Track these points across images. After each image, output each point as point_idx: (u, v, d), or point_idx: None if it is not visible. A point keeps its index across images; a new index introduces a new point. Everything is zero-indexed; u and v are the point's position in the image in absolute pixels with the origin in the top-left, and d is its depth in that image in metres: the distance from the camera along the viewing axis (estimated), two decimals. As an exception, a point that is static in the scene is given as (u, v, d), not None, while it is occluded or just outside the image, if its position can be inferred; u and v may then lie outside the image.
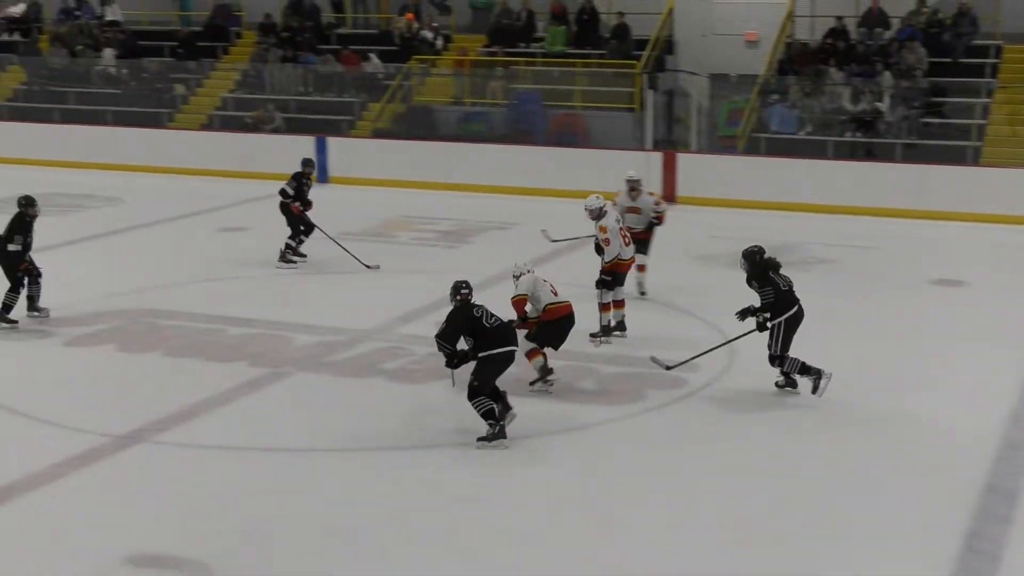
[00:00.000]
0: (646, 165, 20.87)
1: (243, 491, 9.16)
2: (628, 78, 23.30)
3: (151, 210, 20.40)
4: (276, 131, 24.77)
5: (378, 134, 24.25)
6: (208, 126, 25.70)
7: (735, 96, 23.59)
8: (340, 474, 9.48)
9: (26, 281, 13.28)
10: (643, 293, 14.39)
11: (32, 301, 13.42)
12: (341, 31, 27.21)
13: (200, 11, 28.56)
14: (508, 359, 10.07)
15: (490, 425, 9.91)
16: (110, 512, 8.79)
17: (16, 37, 29.34)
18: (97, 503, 8.97)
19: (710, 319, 13.37)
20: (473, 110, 24.42)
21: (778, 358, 10.90)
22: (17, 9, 29.75)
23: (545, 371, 11.25)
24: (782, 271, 10.98)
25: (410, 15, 26.01)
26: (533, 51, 24.87)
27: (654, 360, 11.62)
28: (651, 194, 14.57)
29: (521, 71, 24.45)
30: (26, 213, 13.23)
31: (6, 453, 9.81)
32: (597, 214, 12.73)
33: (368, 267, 15.96)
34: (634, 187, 14.15)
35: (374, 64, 25.48)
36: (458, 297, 10.07)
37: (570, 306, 11.23)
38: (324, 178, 23.29)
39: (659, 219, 14.26)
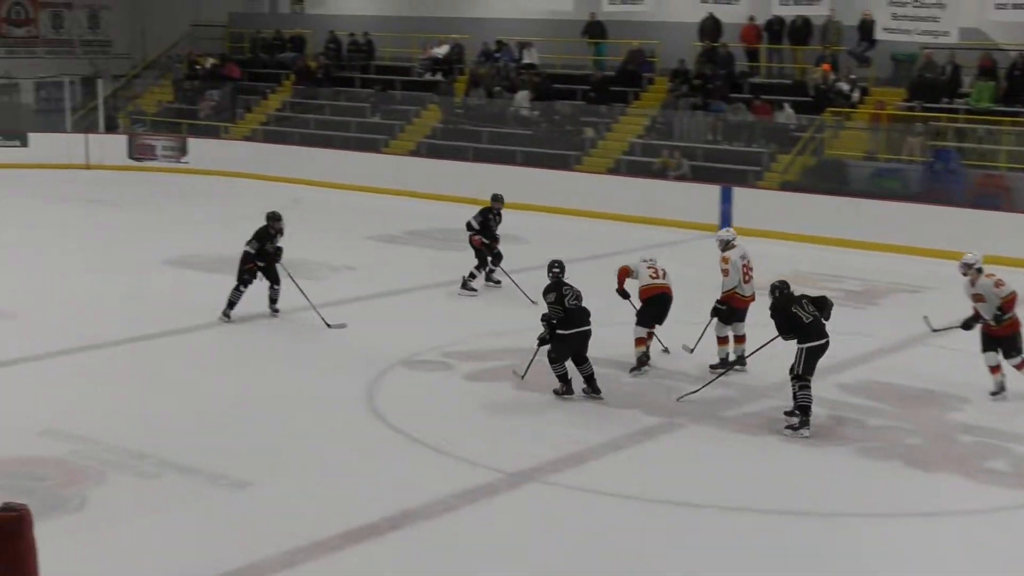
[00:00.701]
0: (1077, 233, 19.73)
1: (630, 539, 9.21)
2: (1062, 138, 22.08)
3: (553, 251, 20.86)
4: (681, 178, 24.94)
5: (786, 187, 23.98)
6: (615, 170, 26.18)
7: None
8: (730, 533, 9.38)
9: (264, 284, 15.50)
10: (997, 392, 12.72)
11: (271, 302, 15.59)
12: (754, 80, 27.13)
13: (614, 56, 29.15)
14: (581, 338, 12.21)
15: (563, 385, 12.31)
16: (498, 547, 9.03)
17: (438, 77, 30.92)
18: (486, 537, 9.23)
19: None
20: (887, 166, 23.75)
21: (799, 379, 11.46)
22: (441, 50, 31.33)
23: (642, 360, 13.18)
24: (807, 304, 11.73)
25: (827, 66, 25.63)
26: (956, 107, 23.95)
27: (682, 399, 12.36)
28: (989, 276, 12.70)
29: (942, 127, 23.61)
30: (271, 226, 15.43)
31: (406, 480, 10.24)
32: (723, 246, 13.73)
33: (533, 303, 15.87)
34: (965, 271, 12.74)
35: (786, 114, 25.27)
36: (550, 275, 12.55)
37: (661, 287, 13.39)
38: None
39: (1004, 306, 12.50)
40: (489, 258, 17.48)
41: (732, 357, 13.47)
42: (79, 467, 10.26)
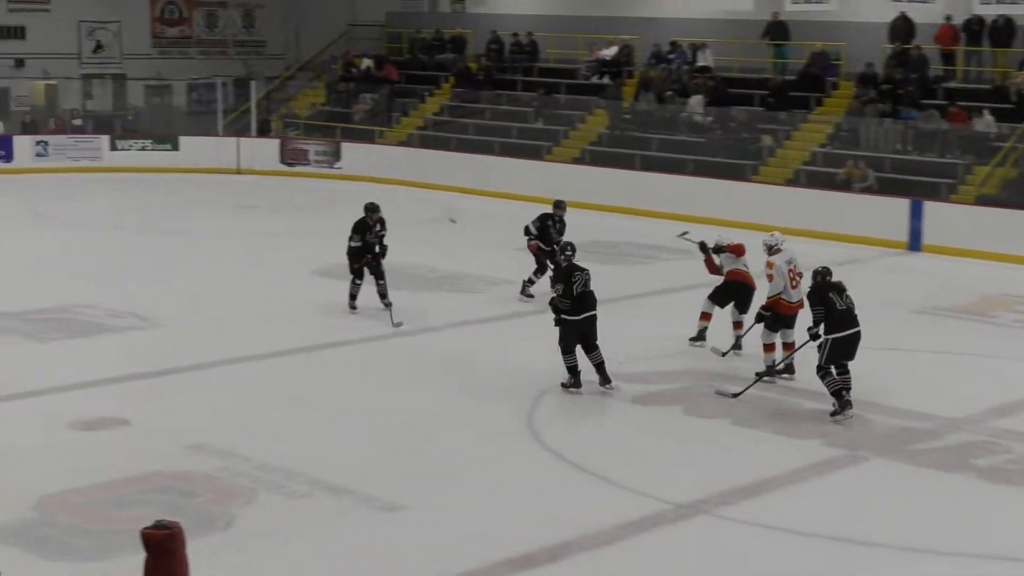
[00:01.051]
0: None
1: (808, 581, 9.14)
2: None
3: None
4: (867, 191, 24.58)
5: (983, 201, 23.43)
6: (794, 181, 25.91)
7: None
8: (917, 578, 9.25)
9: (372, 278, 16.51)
10: None
11: (381, 297, 16.42)
12: (949, 85, 26.58)
13: (796, 59, 28.85)
14: (587, 323, 13.13)
15: (571, 377, 13.21)
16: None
17: (605, 80, 30.98)
18: (650, 573, 9.22)
19: None
20: (1099, 180, 23.12)
21: (821, 370, 12.39)
22: (609, 52, 31.37)
23: (702, 334, 14.78)
24: (846, 295, 12.45)
25: (1031, 69, 25.05)
26: None
27: (719, 392, 13.19)
28: None
29: None
30: (368, 217, 16.47)
31: (566, 509, 10.27)
32: (769, 250, 13.99)
33: None
34: None
35: (985, 122, 24.71)
36: (562, 257, 13.63)
37: (744, 276, 14.54)
38: (917, 245, 22.86)
39: None
40: (550, 264, 17.65)
41: (780, 365, 13.83)
42: (228, 484, 10.55)
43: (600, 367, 13.30)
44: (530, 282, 17.89)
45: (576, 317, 13.13)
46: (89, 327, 15.92)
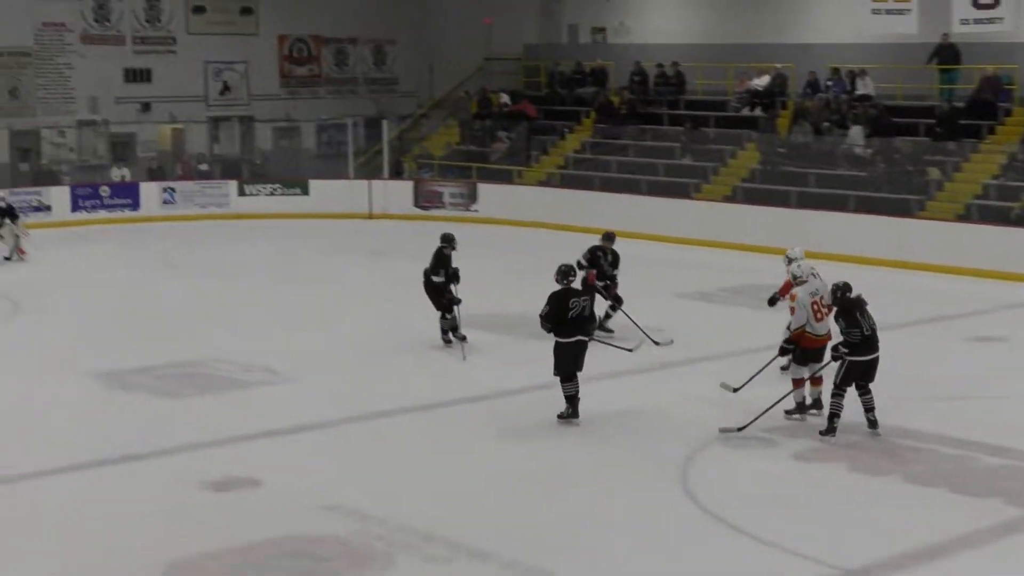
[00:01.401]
0: None
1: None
2: None
3: (891, 312, 20.42)
4: (1049, 226, 24.08)
5: None
6: (965, 217, 25.47)
7: None
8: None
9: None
10: None
11: (453, 331, 17.44)
12: None
13: (965, 84, 28.38)
14: (577, 347, 13.78)
15: (568, 407, 13.89)
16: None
17: (757, 112, 30.78)
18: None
19: None
20: None
21: (836, 388, 13.17)
22: (761, 82, 31.18)
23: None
24: (868, 315, 13.13)
25: None
26: None
27: (723, 430, 13.52)
28: None
29: None
30: (445, 248, 17.55)
31: (724, 574, 10.18)
32: (794, 281, 14.60)
33: (657, 343, 17.37)
34: None
35: None
36: (565, 281, 13.95)
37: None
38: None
39: None
40: (607, 297, 18.07)
41: (809, 401, 14.22)
42: (364, 548, 10.60)
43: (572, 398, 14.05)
44: (607, 316, 18.15)
45: (567, 340, 13.79)
46: (220, 382, 16.19)
